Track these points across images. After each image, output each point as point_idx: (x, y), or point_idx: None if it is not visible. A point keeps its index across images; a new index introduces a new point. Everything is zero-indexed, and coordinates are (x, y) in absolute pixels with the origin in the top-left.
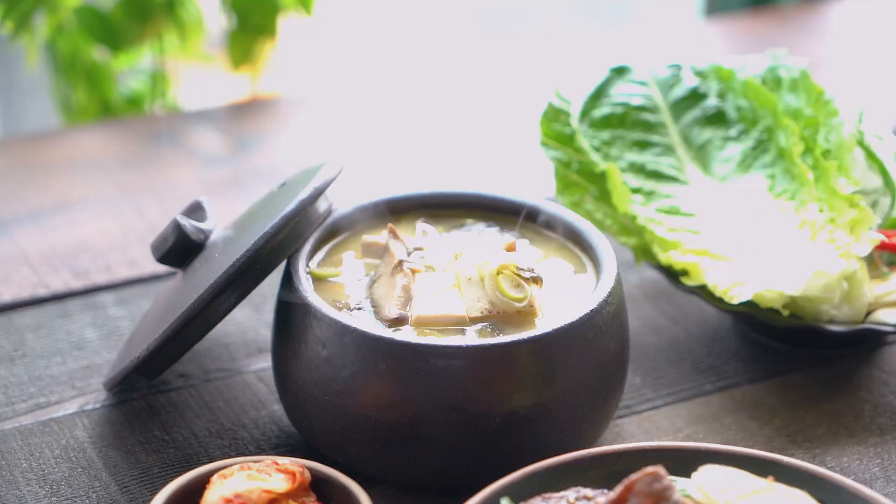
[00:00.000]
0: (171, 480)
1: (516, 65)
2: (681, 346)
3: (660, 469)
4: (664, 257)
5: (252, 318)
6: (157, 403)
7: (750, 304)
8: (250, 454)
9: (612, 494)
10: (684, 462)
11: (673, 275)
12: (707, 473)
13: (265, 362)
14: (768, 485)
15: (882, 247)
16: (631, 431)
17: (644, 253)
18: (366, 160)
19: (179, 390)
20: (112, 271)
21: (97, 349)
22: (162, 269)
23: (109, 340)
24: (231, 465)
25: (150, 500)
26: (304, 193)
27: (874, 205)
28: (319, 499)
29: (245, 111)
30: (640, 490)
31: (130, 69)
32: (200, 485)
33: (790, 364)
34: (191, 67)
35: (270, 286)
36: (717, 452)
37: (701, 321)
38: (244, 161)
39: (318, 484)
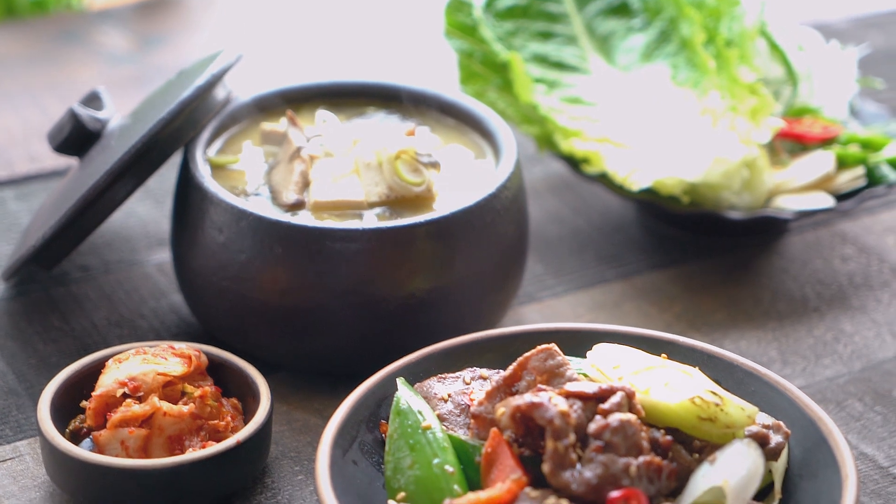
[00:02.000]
0: None
1: None
2: (583, 236)
3: (553, 346)
4: (565, 145)
5: (154, 211)
6: (56, 295)
7: (650, 192)
8: None
9: (506, 372)
10: (581, 343)
11: (574, 163)
12: (601, 351)
13: (166, 254)
14: (662, 362)
15: (783, 134)
16: (531, 318)
17: (546, 142)
18: (269, 51)
19: (79, 282)
20: (12, 167)
21: None
22: (63, 163)
23: (9, 234)
24: (126, 350)
25: None
26: (200, 80)
27: (777, 95)
28: (217, 383)
29: (151, 10)
30: (533, 367)
31: None
32: (96, 370)
33: (691, 252)
34: None
35: (173, 180)
36: (613, 333)
37: (604, 212)
38: (149, 59)
39: (216, 368)
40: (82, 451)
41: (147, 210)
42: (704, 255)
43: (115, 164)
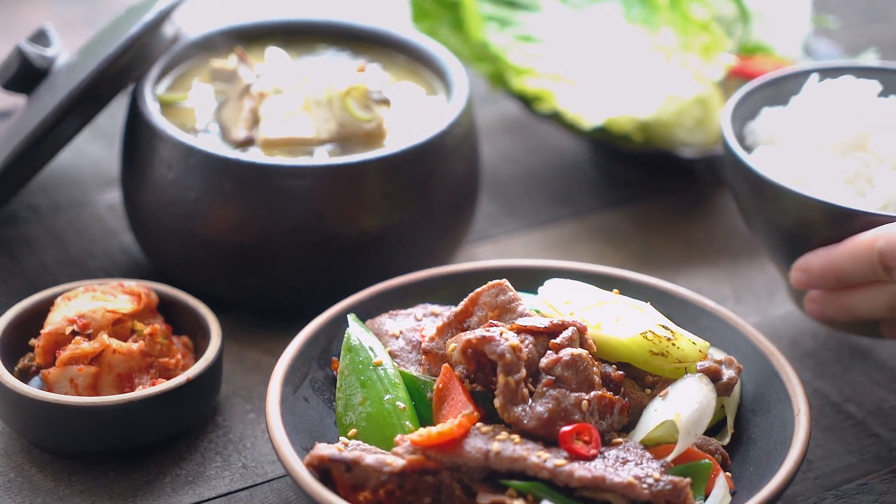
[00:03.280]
0: None
1: None
2: (536, 176)
3: (504, 282)
4: (518, 83)
5: (104, 152)
6: (4, 235)
7: (603, 131)
8: None
9: (457, 308)
10: (533, 280)
11: (526, 101)
12: (552, 286)
13: (117, 195)
14: (613, 297)
15: (736, 72)
16: (484, 256)
17: (498, 80)
18: None
19: (28, 222)
20: None
21: None
22: (12, 104)
23: None
24: (76, 287)
25: None
26: (148, 16)
27: (729, 33)
28: (167, 322)
29: None
30: (484, 302)
31: None
32: (45, 308)
33: (645, 191)
34: None
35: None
36: (565, 270)
37: (557, 152)
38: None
39: (167, 306)
40: (31, 389)
41: (97, 150)
42: (658, 193)
43: (63, 100)
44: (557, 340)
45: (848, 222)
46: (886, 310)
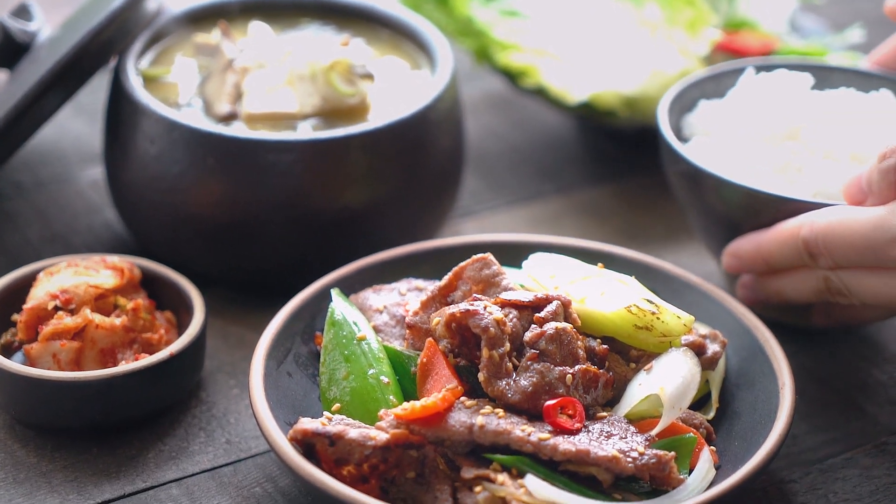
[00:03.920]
0: None
1: None
2: (522, 152)
3: (488, 255)
4: (502, 58)
5: (87, 128)
6: None
7: (588, 106)
8: None
9: (441, 282)
10: (518, 255)
11: (511, 77)
12: (537, 260)
13: (100, 171)
14: (598, 271)
15: (722, 48)
16: (469, 232)
17: (483, 55)
18: None
19: (11, 198)
20: None
21: None
22: None
23: None
24: (58, 262)
25: None
26: None
27: (715, 8)
28: (151, 297)
29: None
30: (468, 276)
31: None
32: (27, 283)
33: (630, 167)
34: None
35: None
36: (550, 245)
37: (543, 128)
38: None
39: (150, 282)
40: (13, 365)
41: (80, 126)
42: (643, 169)
43: (45, 75)
44: (542, 314)
45: (777, 209)
46: (813, 294)
